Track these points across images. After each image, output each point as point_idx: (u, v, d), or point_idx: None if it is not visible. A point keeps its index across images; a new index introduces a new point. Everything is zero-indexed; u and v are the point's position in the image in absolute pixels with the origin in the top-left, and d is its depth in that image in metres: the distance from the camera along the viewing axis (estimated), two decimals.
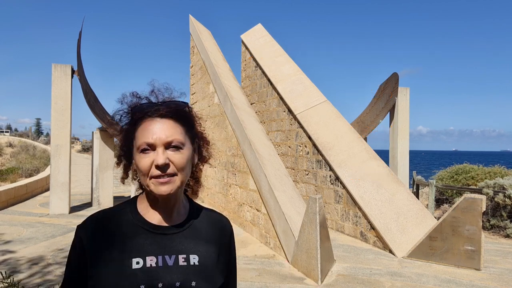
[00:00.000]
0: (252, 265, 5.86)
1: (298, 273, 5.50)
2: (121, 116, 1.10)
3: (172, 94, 1.12)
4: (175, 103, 1.08)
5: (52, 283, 4.84)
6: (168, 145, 1.02)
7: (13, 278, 2.66)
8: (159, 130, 1.02)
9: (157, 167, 1.00)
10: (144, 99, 1.09)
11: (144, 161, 1.01)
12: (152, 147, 1.02)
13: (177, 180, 1.03)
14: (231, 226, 1.25)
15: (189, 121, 1.11)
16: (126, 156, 1.11)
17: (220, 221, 1.23)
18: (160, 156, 1.00)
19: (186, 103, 1.12)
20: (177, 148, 1.03)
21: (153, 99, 1.09)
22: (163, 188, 1.01)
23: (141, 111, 1.06)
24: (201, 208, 1.22)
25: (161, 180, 1.01)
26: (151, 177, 1.01)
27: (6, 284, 2.53)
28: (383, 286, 5.04)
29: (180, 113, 1.08)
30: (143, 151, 1.02)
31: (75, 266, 1.06)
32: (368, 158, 8.15)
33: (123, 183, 1.16)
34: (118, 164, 1.15)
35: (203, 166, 1.20)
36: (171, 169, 1.02)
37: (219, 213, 1.26)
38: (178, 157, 1.03)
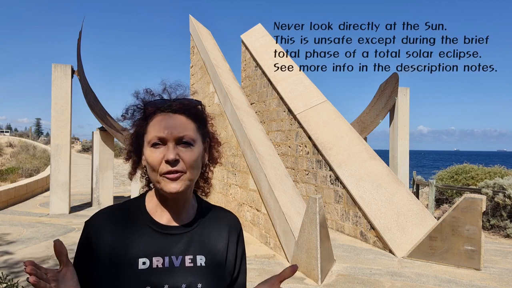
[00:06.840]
0: (252, 265, 5.87)
1: (298, 273, 5.50)
2: (134, 111, 1.09)
3: (185, 92, 1.12)
4: (188, 100, 1.08)
5: None
6: (179, 141, 1.01)
7: (12, 279, 2.66)
8: (171, 124, 1.02)
9: (167, 162, 0.99)
10: (157, 96, 1.09)
11: (154, 155, 1.00)
12: (163, 141, 1.01)
13: (186, 178, 1.01)
14: (240, 223, 1.23)
15: (201, 119, 1.11)
16: (135, 152, 1.10)
17: (229, 219, 1.21)
18: (170, 151, 0.99)
19: (199, 102, 1.11)
20: (188, 144, 1.02)
21: (165, 97, 1.09)
22: (172, 185, 1.00)
23: (153, 106, 1.06)
24: (209, 206, 1.20)
25: (171, 176, 0.99)
26: (161, 174, 1.00)
27: (5, 285, 2.53)
28: (383, 286, 5.04)
29: (193, 110, 1.08)
30: (154, 145, 1.01)
31: (81, 262, 1.05)
32: (368, 158, 8.15)
33: (131, 179, 1.15)
34: (127, 159, 1.13)
35: (214, 167, 1.18)
36: (180, 166, 1.00)
37: (227, 211, 1.24)
38: (189, 154, 1.02)
